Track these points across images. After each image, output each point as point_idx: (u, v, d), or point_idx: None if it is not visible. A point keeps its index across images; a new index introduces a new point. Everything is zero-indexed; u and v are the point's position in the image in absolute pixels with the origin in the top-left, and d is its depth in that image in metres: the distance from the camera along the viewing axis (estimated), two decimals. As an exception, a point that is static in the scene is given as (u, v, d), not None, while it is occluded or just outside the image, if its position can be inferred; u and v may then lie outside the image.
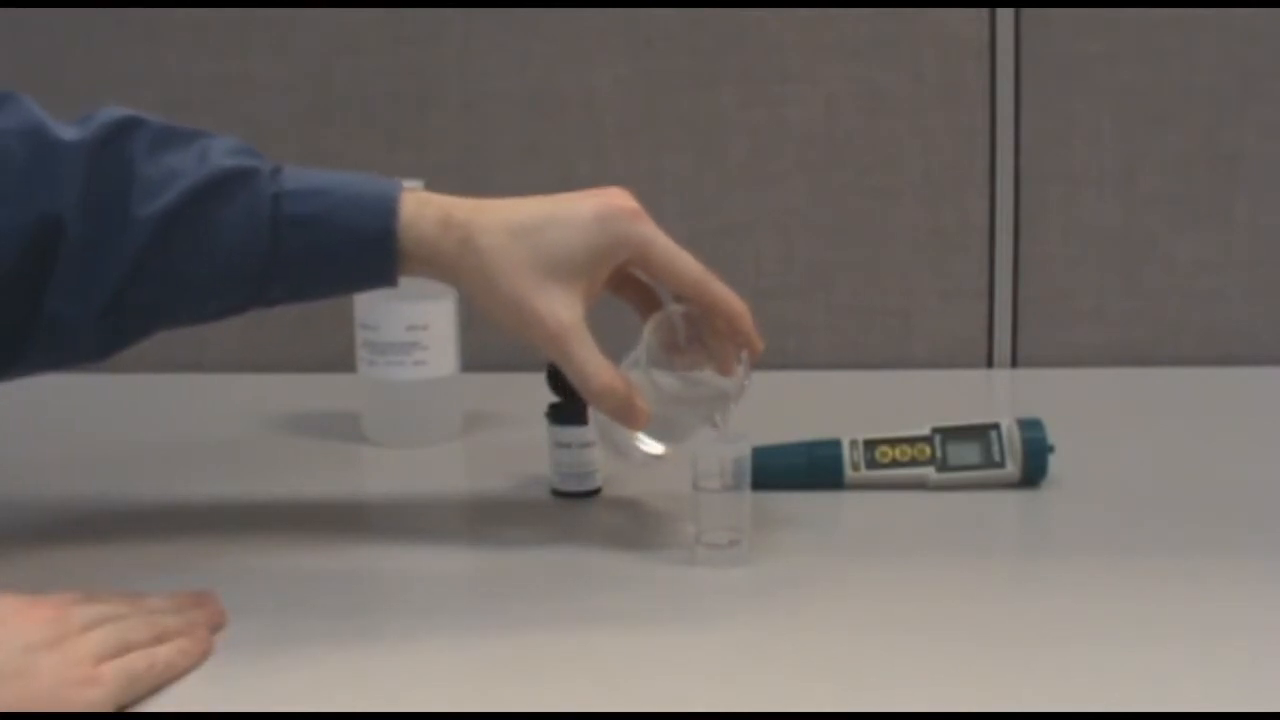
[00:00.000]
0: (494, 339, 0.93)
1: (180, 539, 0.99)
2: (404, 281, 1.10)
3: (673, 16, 1.39)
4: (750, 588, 0.91)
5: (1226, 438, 1.17)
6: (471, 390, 1.21)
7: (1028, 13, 1.36)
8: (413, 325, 1.16)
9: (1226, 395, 1.29)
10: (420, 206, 0.91)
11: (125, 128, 0.91)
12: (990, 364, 1.42)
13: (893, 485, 1.04)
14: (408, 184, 1.16)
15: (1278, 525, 0.98)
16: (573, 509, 1.03)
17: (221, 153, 0.91)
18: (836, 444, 1.05)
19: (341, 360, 1.23)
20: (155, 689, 0.76)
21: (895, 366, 1.41)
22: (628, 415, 0.91)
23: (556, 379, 1.04)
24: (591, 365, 0.90)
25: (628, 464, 0.97)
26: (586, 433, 1.04)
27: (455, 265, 0.91)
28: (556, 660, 0.81)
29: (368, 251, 0.91)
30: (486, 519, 1.04)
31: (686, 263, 0.92)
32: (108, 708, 0.73)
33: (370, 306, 1.17)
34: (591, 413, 0.96)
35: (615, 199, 0.92)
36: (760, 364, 1.36)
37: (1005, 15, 1.36)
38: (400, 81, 1.42)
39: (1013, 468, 1.03)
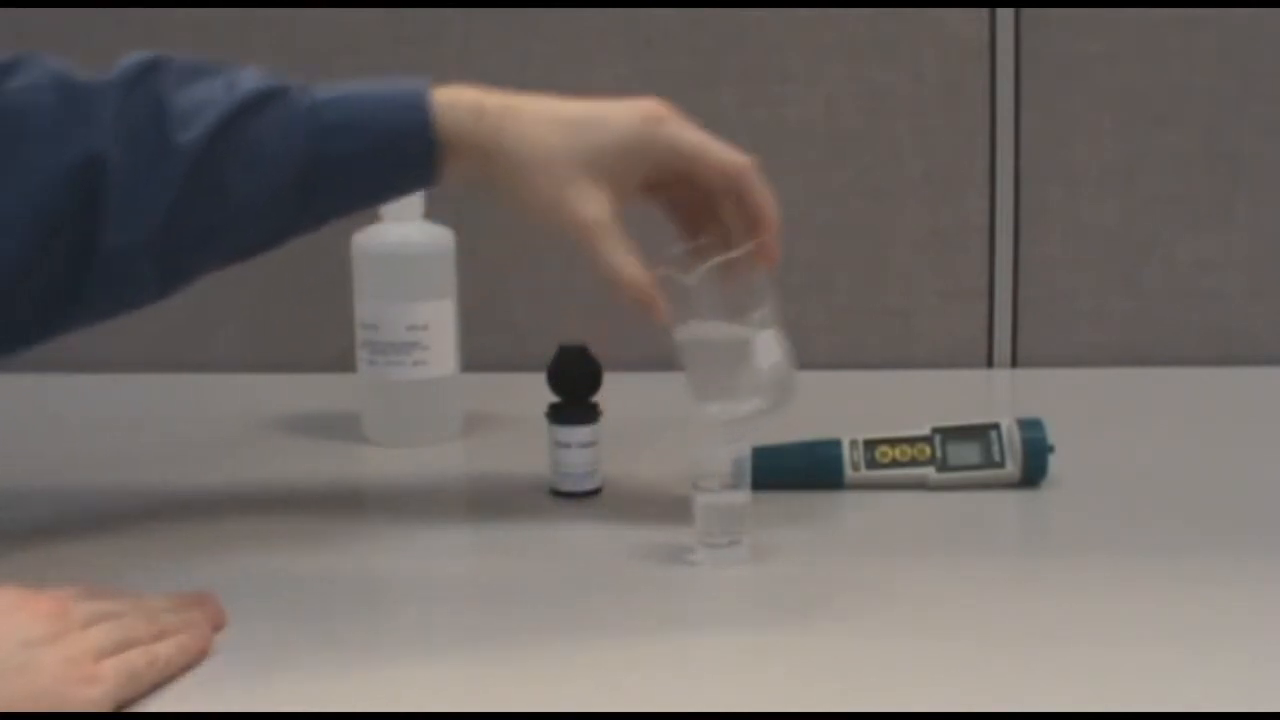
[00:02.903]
0: (494, 339, 0.93)
1: (180, 539, 0.99)
2: (404, 282, 1.11)
3: (673, 16, 1.39)
4: (750, 588, 0.91)
5: (1226, 438, 1.17)
6: (471, 390, 1.21)
7: (1028, 13, 1.36)
8: (413, 325, 1.16)
9: (1226, 395, 1.29)
10: (454, 97, 0.93)
11: (151, 68, 0.92)
12: (990, 364, 1.42)
13: (893, 485, 1.04)
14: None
15: (1278, 525, 0.98)
16: (573, 509, 1.03)
17: (250, 78, 0.93)
18: (836, 444, 1.05)
19: (341, 360, 1.23)
20: (155, 687, 0.76)
21: (895, 366, 1.41)
22: (648, 309, 0.93)
23: (556, 379, 1.05)
24: (618, 258, 0.92)
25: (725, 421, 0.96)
26: (586, 433, 1.04)
27: (490, 154, 0.93)
28: (556, 660, 0.81)
29: (407, 147, 0.93)
30: (486, 519, 1.04)
31: (722, 156, 0.94)
32: (107, 706, 0.73)
33: (370, 306, 1.17)
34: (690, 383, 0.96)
35: (652, 105, 0.94)
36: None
37: (1005, 15, 1.36)
38: (400, 81, 1.42)
39: (1013, 468, 1.03)
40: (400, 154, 0.93)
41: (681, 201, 0.97)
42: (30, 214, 0.89)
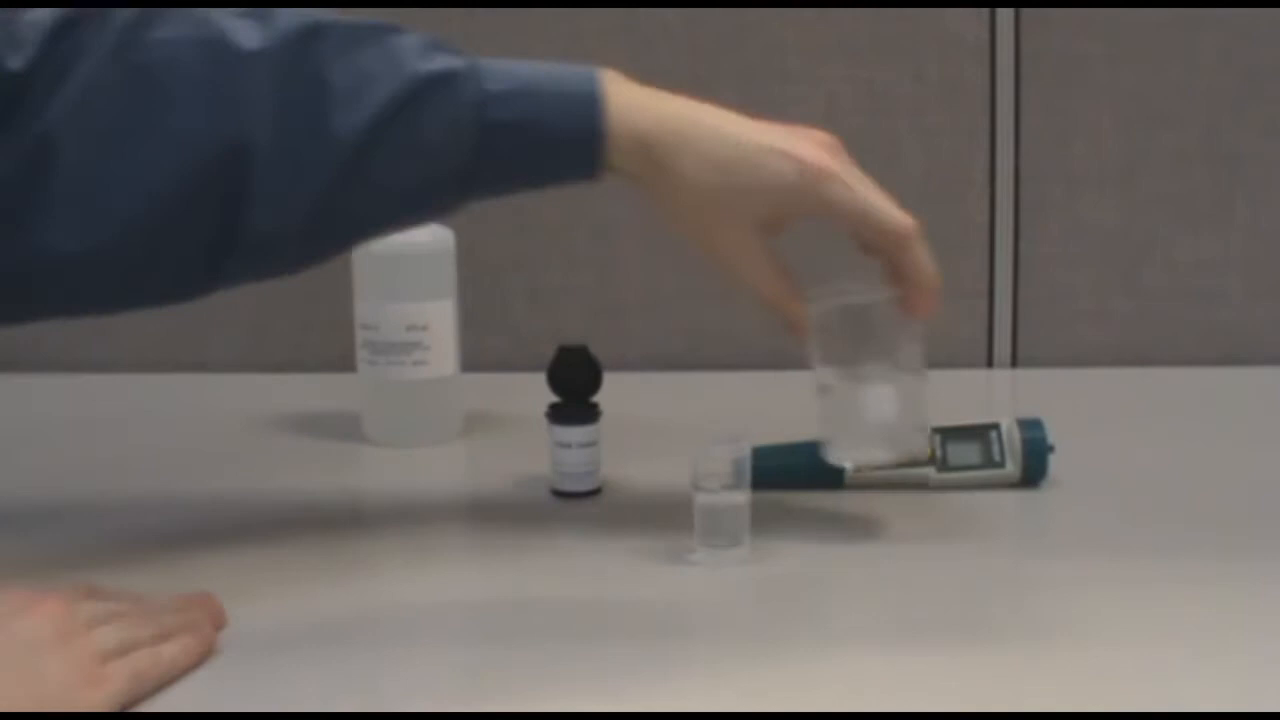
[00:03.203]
0: (494, 339, 0.93)
1: (180, 539, 0.99)
2: (404, 282, 1.11)
3: (673, 16, 1.39)
4: (750, 588, 0.91)
5: (1226, 438, 1.16)
6: (471, 390, 1.21)
7: (1028, 13, 1.36)
8: (413, 325, 1.16)
9: (1226, 395, 1.29)
10: (627, 112, 0.90)
11: (310, 36, 0.87)
12: (990, 364, 1.42)
13: (893, 485, 1.04)
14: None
15: (1278, 525, 0.98)
16: (573, 509, 1.03)
17: (415, 53, 0.89)
18: (837, 444, 1.05)
19: (341, 360, 1.23)
20: (159, 688, 0.76)
21: (895, 366, 1.41)
22: (791, 326, 0.93)
23: (556, 379, 1.05)
24: (762, 283, 0.92)
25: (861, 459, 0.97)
26: (586, 433, 1.04)
27: (649, 181, 0.91)
28: (556, 660, 0.81)
29: (573, 154, 0.90)
30: (486, 519, 1.04)
31: (880, 221, 0.92)
32: (112, 708, 0.73)
33: (370, 306, 1.16)
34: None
35: (814, 157, 0.91)
36: (760, 364, 1.37)
37: (1005, 15, 1.36)
38: (400, 81, 1.42)
39: (1013, 468, 1.03)
40: (565, 160, 0.91)
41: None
42: (171, 189, 0.85)
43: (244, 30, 0.87)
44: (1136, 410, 1.27)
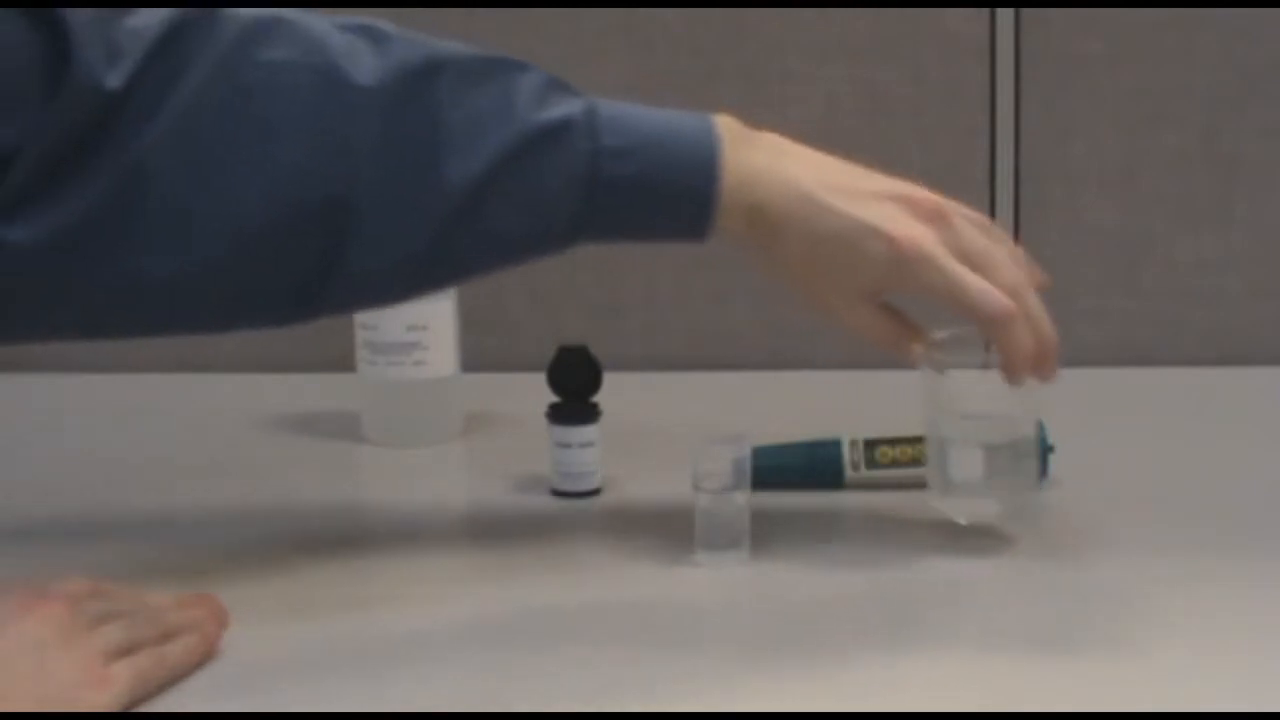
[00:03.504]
0: (494, 339, 0.93)
1: (180, 540, 0.99)
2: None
3: (673, 16, 1.39)
4: (750, 588, 0.91)
5: (1226, 438, 1.16)
6: (471, 390, 1.21)
7: (1028, 13, 1.36)
8: (413, 325, 1.16)
9: (1226, 395, 1.29)
10: (737, 183, 0.89)
11: (428, 73, 0.85)
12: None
13: (893, 485, 1.04)
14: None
15: (1278, 525, 0.98)
16: (573, 509, 1.03)
17: (532, 98, 0.87)
18: (836, 444, 1.05)
19: (341, 360, 1.23)
20: (162, 688, 0.76)
21: (895, 366, 1.41)
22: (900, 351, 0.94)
23: (556, 379, 1.05)
24: (870, 335, 0.93)
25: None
26: (586, 433, 1.04)
27: (752, 245, 0.91)
28: (556, 660, 0.81)
29: (683, 217, 0.89)
30: (486, 519, 1.04)
31: (975, 303, 0.90)
32: (116, 709, 0.73)
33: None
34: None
35: (910, 239, 0.90)
36: (760, 364, 1.36)
37: (1005, 15, 1.36)
38: (400, 81, 1.42)
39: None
40: (674, 222, 0.90)
41: None
42: (267, 224, 0.83)
43: (359, 59, 0.84)
44: (1136, 410, 1.26)
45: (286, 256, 0.84)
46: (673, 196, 0.88)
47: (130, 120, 0.81)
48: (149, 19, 0.83)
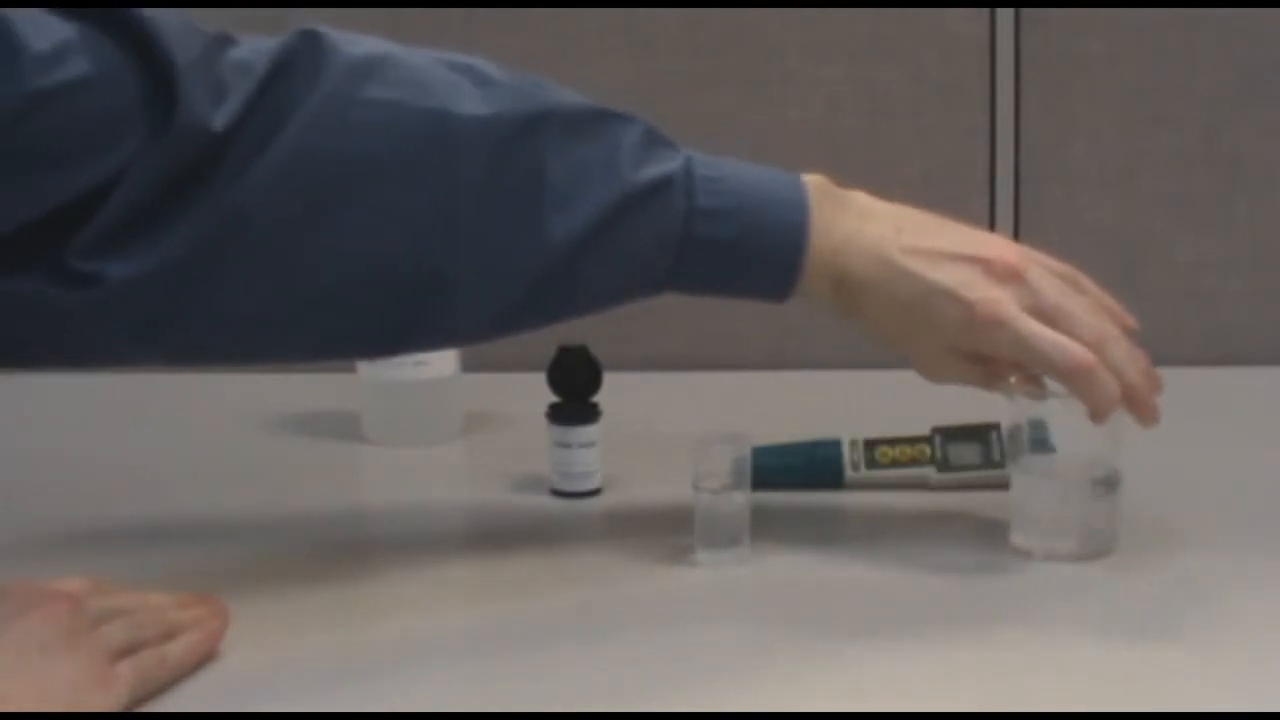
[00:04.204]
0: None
1: (180, 540, 0.99)
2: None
3: (673, 16, 1.39)
4: (750, 588, 0.91)
5: (1226, 438, 1.16)
6: (471, 390, 1.21)
7: (1028, 13, 1.36)
8: (413, 325, 1.16)
9: (1226, 395, 1.29)
10: (823, 251, 0.91)
11: (535, 123, 0.85)
12: (990, 364, 1.42)
13: (893, 485, 1.04)
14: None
15: (1278, 525, 0.98)
16: (573, 509, 1.03)
17: (632, 153, 0.87)
18: (836, 444, 1.05)
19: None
20: (164, 688, 0.76)
21: (895, 366, 1.41)
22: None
23: (556, 379, 1.05)
24: (957, 381, 0.94)
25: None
26: (586, 433, 1.04)
27: (835, 308, 0.93)
28: (556, 660, 0.81)
29: (769, 281, 0.91)
30: (486, 519, 1.04)
31: (1053, 358, 0.90)
32: (119, 709, 0.73)
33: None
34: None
35: (985, 304, 0.90)
36: (760, 364, 1.36)
37: (1005, 15, 1.36)
38: (400, 81, 1.42)
39: (1013, 468, 1.03)
40: (760, 284, 0.92)
41: None
42: (367, 269, 0.83)
43: (467, 103, 0.84)
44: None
45: (384, 305, 0.84)
46: (762, 260, 0.90)
47: (234, 160, 0.80)
48: (256, 53, 0.83)
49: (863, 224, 0.93)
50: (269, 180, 0.80)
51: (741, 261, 0.90)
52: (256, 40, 0.85)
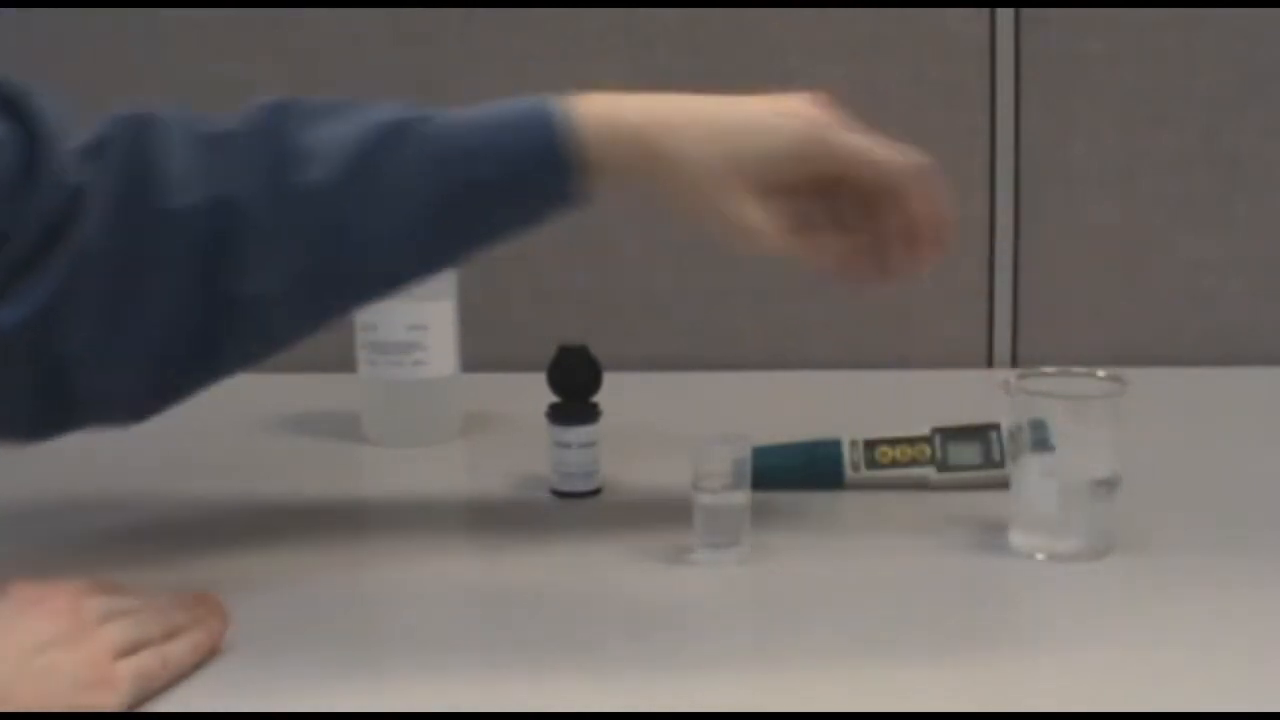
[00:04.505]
0: (494, 339, 0.92)
1: (180, 540, 0.99)
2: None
3: (673, 16, 1.39)
4: (750, 588, 0.91)
5: (1227, 438, 1.17)
6: (471, 390, 1.21)
7: (1028, 13, 1.36)
8: (413, 325, 1.16)
9: (1226, 395, 1.29)
10: (600, 112, 0.89)
11: (278, 110, 0.90)
12: (990, 364, 1.42)
13: (893, 485, 1.04)
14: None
15: (1278, 525, 0.98)
16: (573, 509, 1.03)
17: (375, 112, 0.90)
18: (836, 444, 1.05)
19: (341, 360, 1.23)
20: (166, 687, 0.76)
21: (895, 366, 1.41)
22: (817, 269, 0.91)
23: (556, 379, 1.05)
24: (778, 248, 0.89)
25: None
26: (586, 433, 1.04)
27: (644, 170, 0.90)
28: (556, 660, 0.81)
29: (544, 168, 0.89)
30: (486, 519, 1.04)
31: (885, 165, 0.91)
32: (121, 708, 0.73)
33: (370, 307, 1.16)
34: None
35: (809, 114, 0.91)
36: (760, 364, 1.36)
37: (1005, 15, 1.36)
38: (400, 81, 1.42)
39: (1013, 468, 1.03)
40: (538, 176, 0.89)
41: (841, 202, 0.94)
42: (166, 261, 0.87)
43: (220, 116, 0.91)
44: (1137, 410, 1.26)
45: (188, 301, 0.88)
46: (530, 146, 0.88)
47: (81, 214, 0.86)
48: (79, 139, 0.89)
49: (638, 95, 0.92)
50: (101, 229, 0.87)
51: (509, 158, 0.88)
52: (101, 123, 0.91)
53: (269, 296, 0.88)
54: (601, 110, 0.90)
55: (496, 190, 0.89)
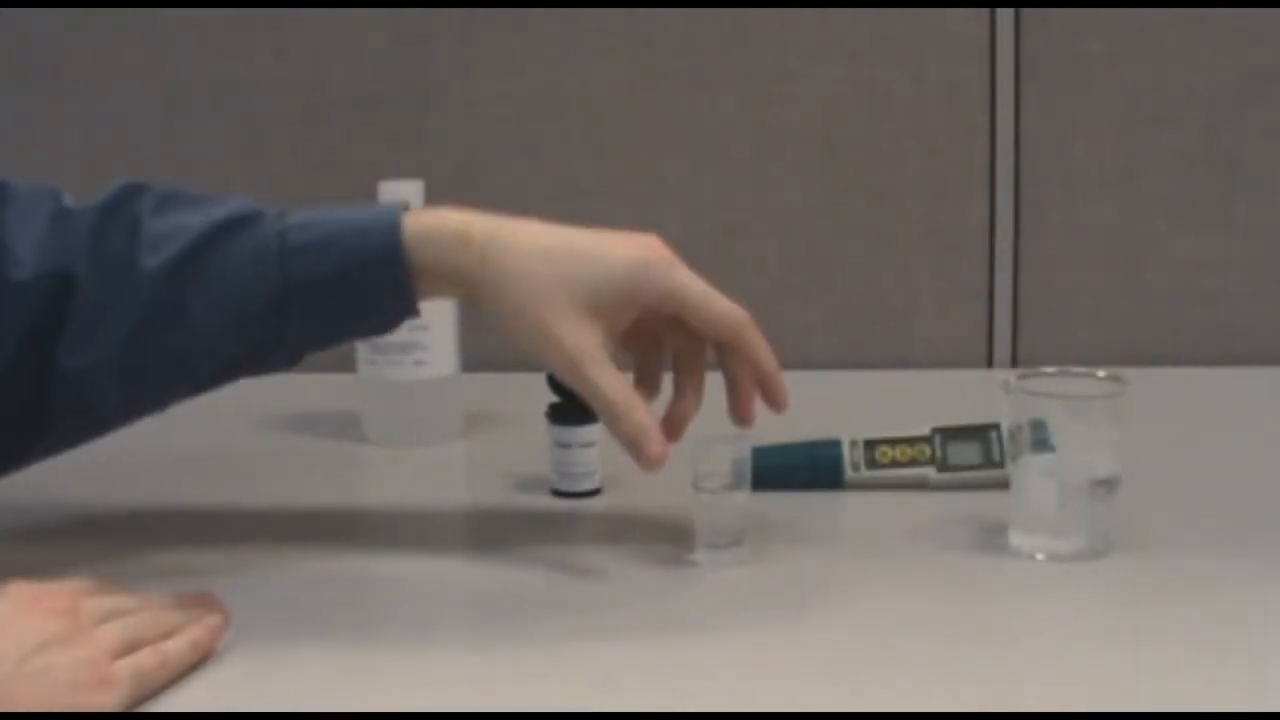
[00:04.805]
0: (494, 339, 0.92)
1: (180, 540, 0.99)
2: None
3: (673, 16, 1.39)
4: (751, 588, 0.91)
5: (1227, 438, 1.17)
6: (471, 390, 1.21)
7: (1028, 13, 1.36)
8: (413, 325, 1.15)
9: (1226, 395, 1.29)
10: (436, 224, 0.90)
11: (131, 193, 0.92)
12: (990, 364, 1.42)
13: (893, 485, 1.04)
14: (407, 184, 1.17)
15: (1278, 525, 0.98)
16: (573, 509, 1.03)
17: (227, 207, 0.91)
18: (836, 444, 1.05)
19: (341, 360, 1.23)
20: (164, 687, 0.76)
21: (895, 366, 1.41)
22: (642, 443, 0.88)
23: (557, 379, 1.04)
24: (609, 388, 0.89)
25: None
26: (586, 433, 1.04)
27: (475, 283, 0.89)
28: (556, 660, 0.81)
29: (379, 272, 0.89)
30: (486, 519, 1.04)
31: (721, 310, 0.91)
32: (119, 708, 0.73)
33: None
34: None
35: (651, 245, 0.91)
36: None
37: (1005, 15, 1.36)
38: (400, 81, 1.42)
39: (1013, 468, 1.03)
40: (371, 280, 0.89)
41: (647, 339, 0.94)
42: (3, 330, 0.89)
43: (72, 199, 0.92)
44: (1136, 410, 1.26)
45: (13, 367, 0.89)
46: (362, 251, 0.89)
47: None
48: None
49: (490, 219, 0.91)
50: None
51: (344, 259, 0.89)
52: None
53: (91, 369, 0.89)
54: (438, 219, 0.90)
55: (330, 290, 0.90)
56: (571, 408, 1.03)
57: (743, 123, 1.41)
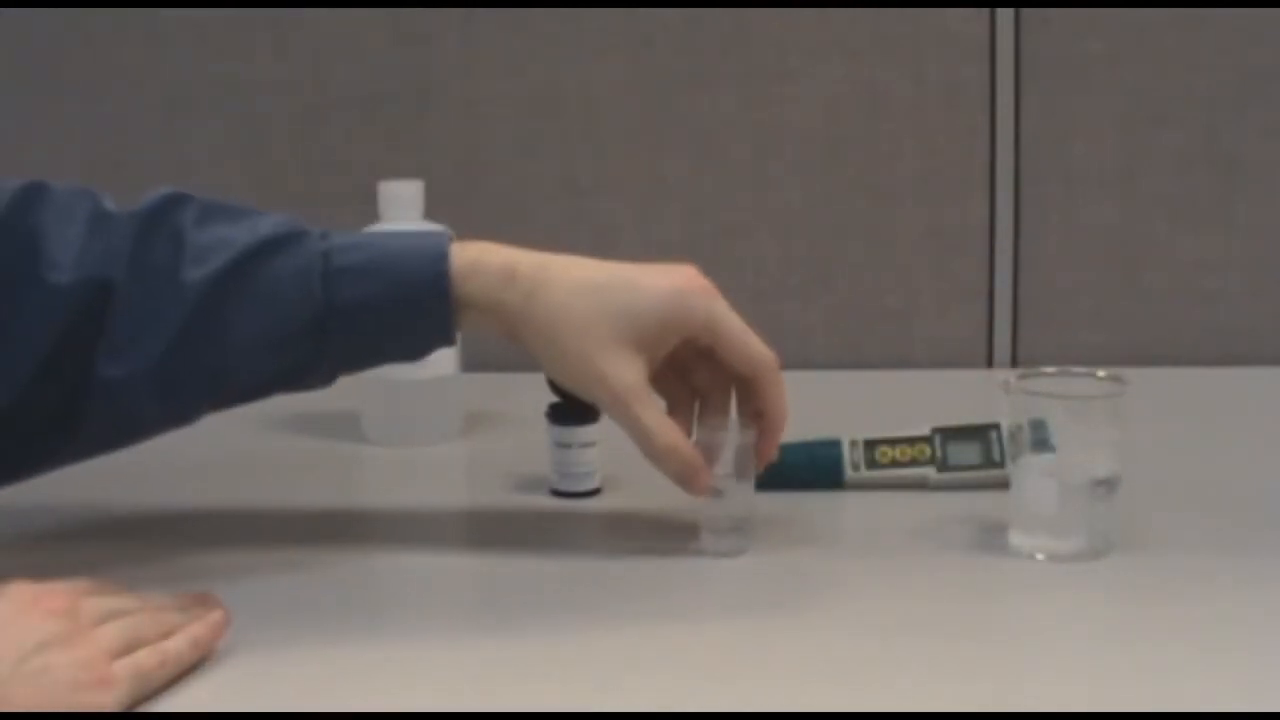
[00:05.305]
0: (494, 339, 0.93)
1: (180, 540, 0.99)
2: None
3: (673, 16, 1.39)
4: (751, 588, 0.91)
5: (1226, 438, 1.17)
6: (471, 390, 1.21)
7: (1028, 13, 1.36)
8: (413, 325, 1.16)
9: (1226, 395, 1.29)
10: (481, 256, 0.91)
11: (174, 202, 0.91)
12: (990, 364, 1.42)
13: (893, 485, 1.04)
14: (407, 184, 1.17)
15: (1278, 525, 0.98)
16: (573, 509, 1.03)
17: (271, 223, 0.91)
18: (836, 444, 1.05)
19: (341, 360, 1.23)
20: (163, 687, 0.76)
21: (895, 366, 1.41)
22: (689, 478, 0.91)
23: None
24: (655, 426, 0.90)
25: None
26: (586, 433, 1.04)
27: (518, 318, 0.90)
28: (556, 660, 0.81)
29: (422, 299, 0.90)
30: (486, 519, 1.04)
31: (756, 347, 0.92)
32: (119, 708, 0.73)
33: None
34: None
35: (690, 275, 0.92)
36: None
37: (1005, 15, 1.36)
38: (400, 81, 1.42)
39: (1013, 468, 1.03)
40: (414, 308, 0.90)
41: (677, 373, 0.95)
42: (36, 332, 0.88)
43: (112, 202, 0.92)
44: (1136, 410, 1.26)
45: (50, 372, 0.88)
46: (409, 271, 0.90)
47: None
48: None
49: (534, 256, 0.92)
50: None
51: (390, 278, 0.90)
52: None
53: (130, 379, 0.89)
54: (483, 252, 0.91)
55: (373, 313, 0.90)
56: (571, 408, 1.03)
57: (743, 123, 1.41)
